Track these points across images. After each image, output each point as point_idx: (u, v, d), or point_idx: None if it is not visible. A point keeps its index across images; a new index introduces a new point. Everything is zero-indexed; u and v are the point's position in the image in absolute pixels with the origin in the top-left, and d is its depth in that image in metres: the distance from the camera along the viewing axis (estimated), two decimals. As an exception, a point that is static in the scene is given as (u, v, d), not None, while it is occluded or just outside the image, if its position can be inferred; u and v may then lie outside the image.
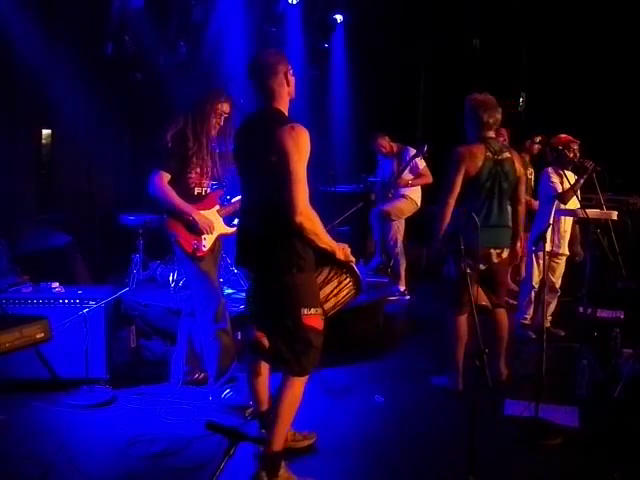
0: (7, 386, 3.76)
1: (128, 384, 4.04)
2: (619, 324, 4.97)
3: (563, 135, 5.13)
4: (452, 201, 3.92)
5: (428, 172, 6.65)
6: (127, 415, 3.69)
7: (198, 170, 3.71)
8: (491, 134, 3.98)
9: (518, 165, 4.05)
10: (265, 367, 3.13)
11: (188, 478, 3.09)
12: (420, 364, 4.71)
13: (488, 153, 3.88)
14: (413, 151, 6.64)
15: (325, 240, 2.83)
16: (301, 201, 2.68)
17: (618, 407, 3.94)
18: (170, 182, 3.63)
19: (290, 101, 2.94)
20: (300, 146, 2.70)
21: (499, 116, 3.96)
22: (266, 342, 2.84)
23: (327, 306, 2.96)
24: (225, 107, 3.72)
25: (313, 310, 2.82)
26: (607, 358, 4.44)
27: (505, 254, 4.06)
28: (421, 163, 6.67)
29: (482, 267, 3.99)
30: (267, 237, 2.79)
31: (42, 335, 3.36)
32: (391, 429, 3.68)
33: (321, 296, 2.94)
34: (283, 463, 2.90)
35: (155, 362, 4.47)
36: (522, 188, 4.12)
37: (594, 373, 4.22)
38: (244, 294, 3.19)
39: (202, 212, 3.76)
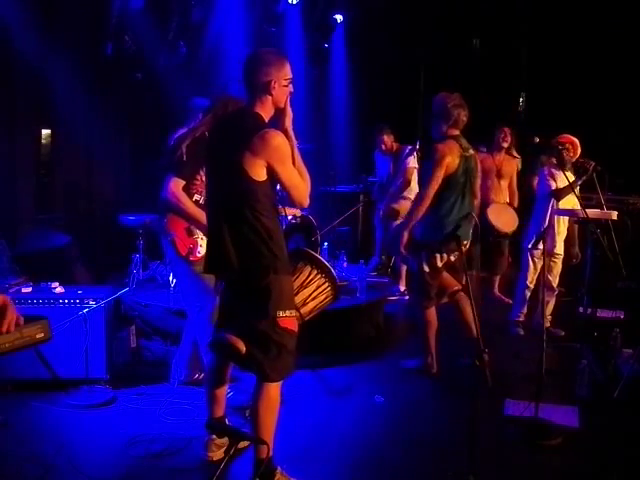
0: (7, 386, 3.76)
1: (128, 384, 4.04)
2: (619, 324, 4.97)
3: (565, 135, 5.13)
4: (432, 195, 4.07)
5: (410, 173, 6.63)
6: (127, 415, 3.69)
7: (204, 179, 3.69)
8: (458, 132, 4.14)
9: (478, 161, 4.32)
10: (226, 373, 3.08)
11: (188, 478, 3.09)
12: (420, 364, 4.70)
13: (461, 150, 4.07)
14: (409, 150, 6.64)
15: (299, 163, 2.78)
16: (305, 199, 2.74)
17: (618, 407, 3.94)
18: None
19: (277, 109, 2.78)
20: (281, 149, 2.65)
21: (466, 118, 4.14)
22: (242, 346, 2.74)
23: (305, 310, 2.89)
24: None
25: (288, 312, 2.75)
26: (607, 358, 4.44)
27: (469, 244, 4.30)
28: (409, 162, 6.64)
29: (453, 258, 4.20)
30: (242, 241, 2.70)
31: (42, 335, 3.33)
32: (391, 429, 3.68)
33: (299, 299, 2.87)
34: (279, 468, 2.87)
35: (155, 362, 4.47)
36: (478, 182, 4.39)
37: (594, 373, 4.22)
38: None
39: None
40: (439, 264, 4.16)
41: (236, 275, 2.76)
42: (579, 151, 5.13)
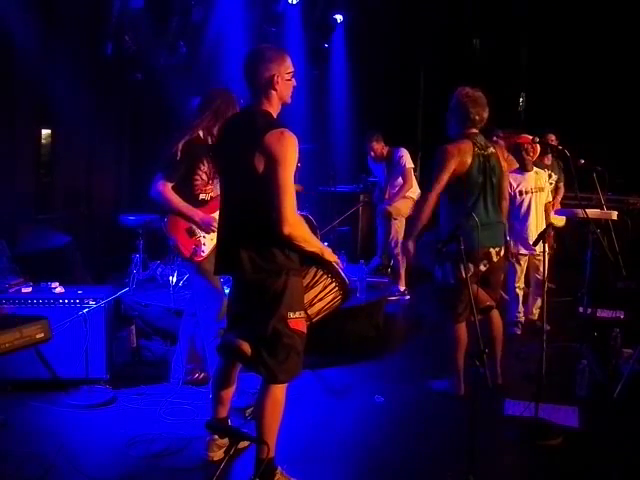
0: (7, 386, 3.76)
1: (128, 384, 4.04)
2: (619, 324, 4.97)
3: (524, 135, 5.15)
4: (434, 199, 3.85)
5: (409, 176, 6.64)
6: (127, 415, 3.69)
7: (204, 177, 3.67)
8: (475, 130, 3.91)
9: (502, 160, 4.04)
10: (234, 375, 3.08)
11: (188, 478, 3.09)
12: (420, 364, 4.71)
13: (476, 149, 3.83)
14: (401, 151, 6.64)
15: (314, 244, 2.77)
16: (289, 211, 2.59)
17: (618, 407, 3.94)
18: (174, 186, 3.61)
19: (283, 105, 2.81)
20: (289, 153, 2.60)
21: (486, 114, 3.90)
22: (248, 349, 2.74)
23: (312, 311, 2.86)
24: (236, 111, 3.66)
25: (298, 313, 2.75)
26: (607, 358, 4.44)
27: (502, 252, 4.02)
28: (408, 162, 6.66)
29: (483, 268, 3.92)
30: (256, 243, 2.68)
31: (42, 335, 3.37)
32: (391, 429, 3.68)
33: (305, 300, 2.85)
34: (279, 468, 2.87)
35: (155, 362, 4.47)
36: (506, 184, 4.12)
37: (594, 373, 4.22)
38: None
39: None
40: (464, 275, 3.71)
41: (248, 277, 2.73)
42: (538, 151, 5.15)
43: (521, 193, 5.20)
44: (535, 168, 5.31)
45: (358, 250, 7.65)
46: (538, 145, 5.14)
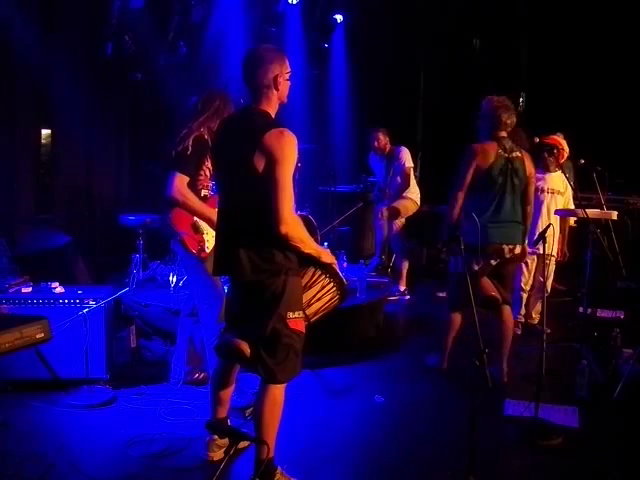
0: (7, 386, 3.76)
1: (128, 384, 4.04)
2: (619, 324, 4.98)
3: (552, 137, 5.14)
4: (461, 196, 4.07)
5: (408, 175, 6.63)
6: (127, 415, 3.69)
7: (208, 172, 3.71)
8: (504, 134, 4.11)
9: (528, 165, 4.18)
10: (232, 375, 3.08)
11: (188, 478, 3.09)
12: (420, 364, 4.70)
13: (500, 150, 4.04)
14: (402, 150, 6.63)
15: (311, 245, 2.77)
16: (286, 210, 2.60)
17: (618, 407, 3.94)
18: None
19: (280, 105, 2.82)
20: (288, 152, 2.61)
21: (515, 118, 4.14)
22: (247, 350, 2.73)
23: (310, 311, 2.86)
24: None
25: (297, 313, 2.75)
26: (607, 358, 4.45)
27: (518, 250, 4.16)
28: (407, 161, 6.64)
29: (493, 263, 4.11)
30: (255, 243, 2.69)
31: (42, 335, 3.37)
32: (391, 429, 3.68)
33: (303, 301, 2.85)
34: (279, 468, 2.87)
35: (155, 362, 4.47)
36: (531, 189, 4.27)
37: (594, 373, 4.22)
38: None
39: None
40: (474, 267, 4.04)
41: (247, 278, 2.73)
42: (565, 155, 5.15)
43: (536, 191, 5.17)
44: (558, 172, 5.26)
45: (358, 250, 7.64)
46: (566, 150, 5.13)
